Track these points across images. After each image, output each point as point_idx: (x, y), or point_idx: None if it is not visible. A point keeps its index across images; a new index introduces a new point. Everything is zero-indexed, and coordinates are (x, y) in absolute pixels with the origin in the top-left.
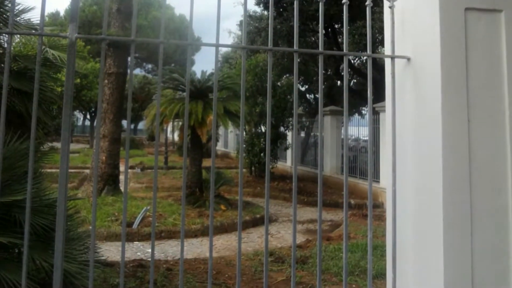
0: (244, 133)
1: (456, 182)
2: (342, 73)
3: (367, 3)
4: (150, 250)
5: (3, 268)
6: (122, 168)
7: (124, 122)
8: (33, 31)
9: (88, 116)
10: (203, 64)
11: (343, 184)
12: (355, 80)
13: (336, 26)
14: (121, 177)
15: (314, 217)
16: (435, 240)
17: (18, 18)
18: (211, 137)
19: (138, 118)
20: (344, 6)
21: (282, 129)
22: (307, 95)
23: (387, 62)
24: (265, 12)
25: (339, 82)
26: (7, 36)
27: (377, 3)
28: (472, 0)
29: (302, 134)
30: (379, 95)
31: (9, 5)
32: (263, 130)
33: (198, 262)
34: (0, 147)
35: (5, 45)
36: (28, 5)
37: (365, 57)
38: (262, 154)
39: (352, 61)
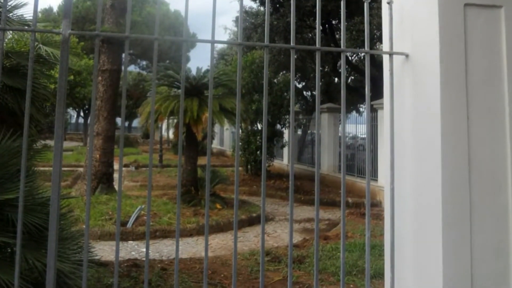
0: (240, 130)
1: (455, 180)
2: (340, 70)
3: None
4: (144, 250)
5: None
6: (116, 166)
7: (118, 120)
8: (26, 27)
9: (81, 114)
10: (199, 60)
11: (340, 182)
12: (352, 77)
13: (333, 22)
14: (115, 176)
15: (311, 216)
16: (434, 239)
17: (10, 14)
18: (207, 135)
19: (132, 115)
20: (342, 2)
21: (278, 126)
22: (304, 92)
23: (385, 58)
24: (261, 8)
25: (336, 79)
26: None
27: None
28: None
29: (299, 132)
30: (377, 92)
31: (2, 0)
32: (259, 128)
33: (194, 262)
34: None
35: None
36: (21, 1)
37: (363, 54)
38: (258, 152)
39: (350, 57)
